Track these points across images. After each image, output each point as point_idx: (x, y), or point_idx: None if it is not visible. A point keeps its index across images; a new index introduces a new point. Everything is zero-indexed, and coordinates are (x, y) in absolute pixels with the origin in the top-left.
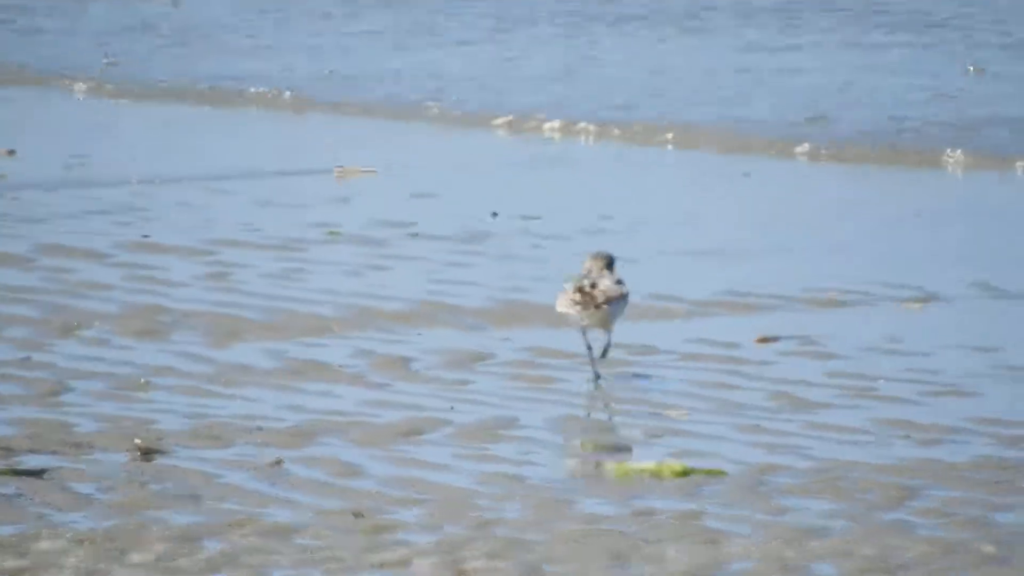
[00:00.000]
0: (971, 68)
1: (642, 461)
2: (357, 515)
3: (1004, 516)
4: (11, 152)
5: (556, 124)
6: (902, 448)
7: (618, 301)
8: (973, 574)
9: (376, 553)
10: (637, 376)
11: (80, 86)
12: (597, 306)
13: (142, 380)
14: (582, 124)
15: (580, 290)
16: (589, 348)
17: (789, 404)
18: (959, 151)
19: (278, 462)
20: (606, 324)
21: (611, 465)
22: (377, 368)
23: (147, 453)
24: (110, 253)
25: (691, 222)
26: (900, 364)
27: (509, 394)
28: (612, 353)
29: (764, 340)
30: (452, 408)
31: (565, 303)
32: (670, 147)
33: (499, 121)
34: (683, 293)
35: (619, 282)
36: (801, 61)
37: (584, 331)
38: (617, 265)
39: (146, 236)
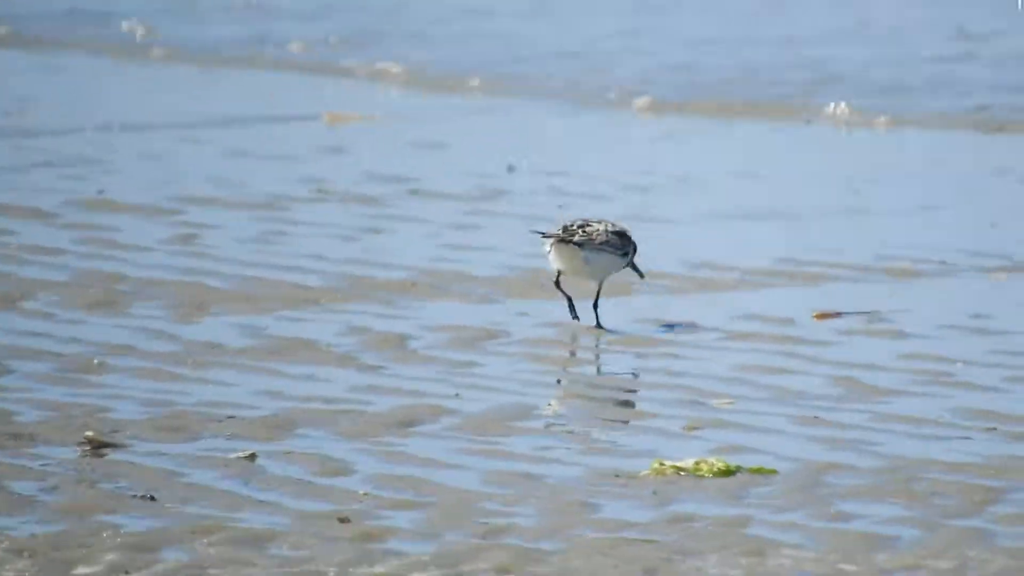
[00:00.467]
0: None
1: (680, 458)
2: (343, 520)
3: None
4: None
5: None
6: (985, 443)
7: (599, 249)
8: None
9: (365, 565)
10: (675, 357)
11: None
12: (564, 240)
13: (94, 361)
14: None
15: (565, 227)
16: (558, 285)
17: (853, 391)
18: None
19: (252, 457)
20: (581, 271)
21: (644, 463)
22: (370, 347)
23: (99, 447)
24: (58, 212)
25: (743, 180)
26: (983, 345)
27: (525, 378)
28: (616, 325)
29: (824, 316)
30: (457, 395)
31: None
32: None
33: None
34: (731, 260)
35: (624, 246)
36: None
37: (558, 276)
38: (639, 239)
39: (101, 192)
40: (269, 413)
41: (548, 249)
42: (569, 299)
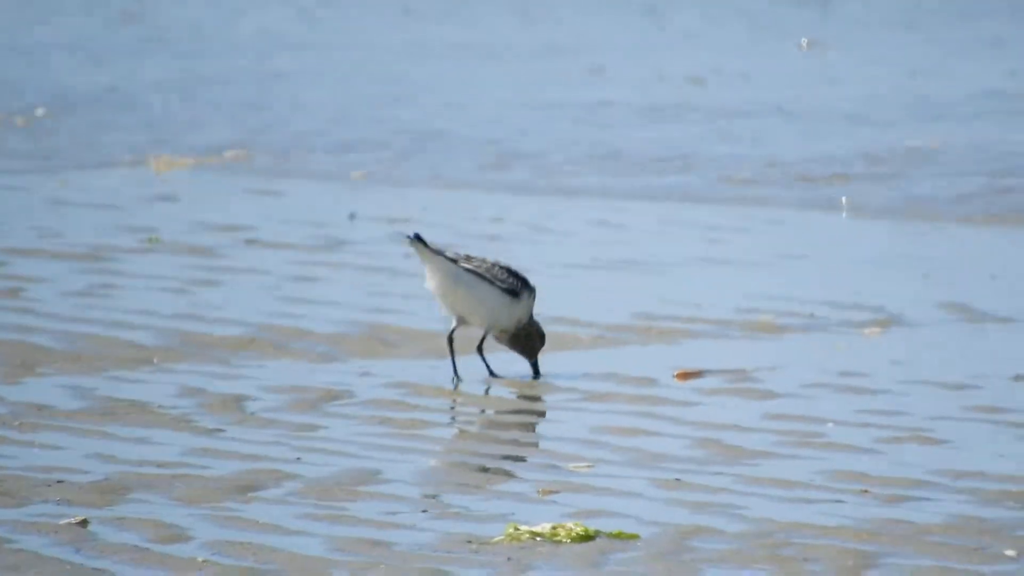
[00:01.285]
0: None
1: (535, 523)
2: None
3: None
4: None
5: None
6: (858, 506)
7: (476, 277)
8: None
9: None
10: (530, 417)
11: None
12: (433, 251)
13: None
14: None
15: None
16: (450, 341)
17: (718, 453)
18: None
19: (83, 523)
20: (458, 304)
21: (498, 528)
22: (207, 409)
23: None
24: None
25: (599, 229)
26: (854, 404)
27: (370, 441)
28: (466, 385)
29: (686, 375)
30: (299, 459)
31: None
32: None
33: None
34: (588, 316)
35: (512, 284)
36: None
37: (454, 322)
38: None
39: None
40: (101, 477)
41: (425, 267)
42: (453, 357)
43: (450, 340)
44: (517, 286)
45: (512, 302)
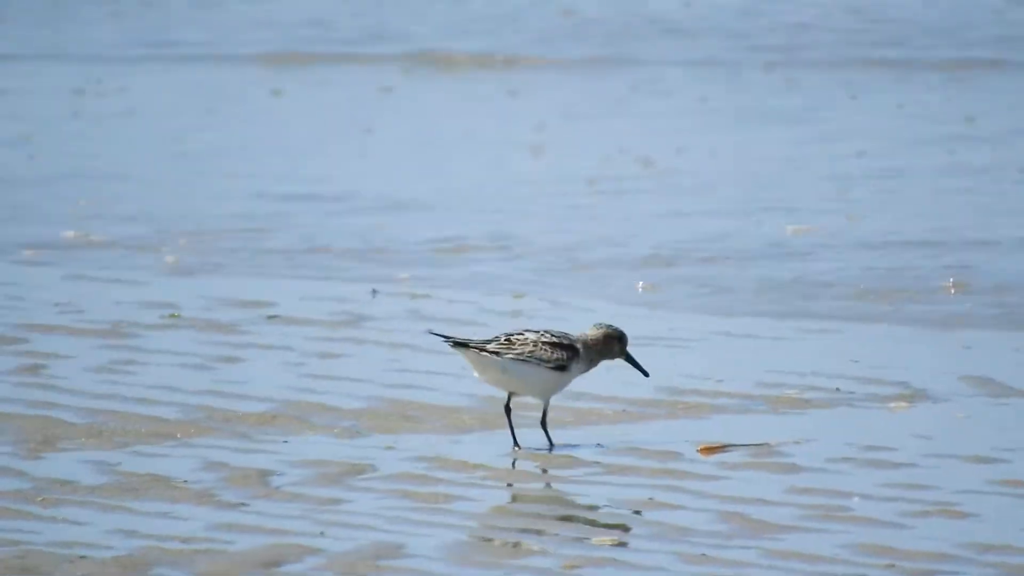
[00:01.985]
0: None
1: None
2: None
3: None
4: None
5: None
6: None
7: (523, 364)
8: None
9: None
10: (554, 490)
11: None
12: (477, 348)
13: None
14: None
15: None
16: (507, 410)
17: (742, 527)
18: None
19: None
20: (511, 387)
21: None
22: (230, 483)
23: None
24: None
25: (619, 306)
26: (880, 478)
27: (395, 515)
28: (488, 459)
29: (710, 449)
30: (323, 533)
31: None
32: None
33: None
34: (610, 391)
35: (559, 359)
36: None
37: (508, 394)
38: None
39: None
40: (124, 553)
41: (468, 362)
42: (509, 412)
43: (507, 410)
44: (564, 359)
45: (562, 376)
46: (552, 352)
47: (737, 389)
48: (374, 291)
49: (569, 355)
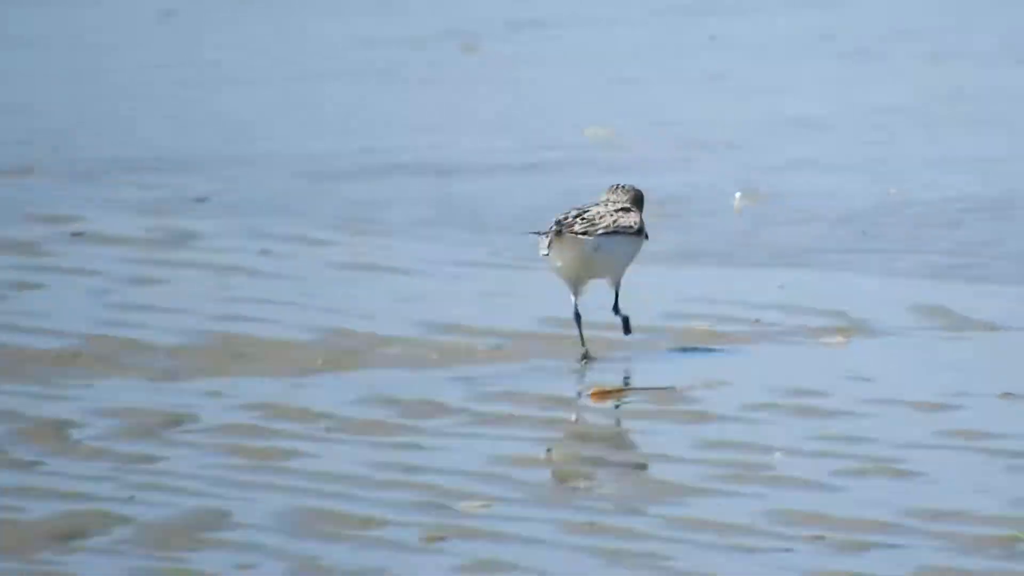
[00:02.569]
0: None
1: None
2: None
3: None
4: None
5: None
6: (811, 556)
7: (614, 236)
8: None
9: None
10: (413, 447)
11: None
12: (565, 232)
13: None
14: None
15: (559, 222)
16: (577, 317)
17: (640, 490)
18: None
19: None
20: (594, 269)
21: None
22: (22, 437)
23: None
24: None
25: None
26: (808, 429)
27: (219, 476)
28: (337, 406)
29: (603, 394)
30: (132, 497)
31: (543, 244)
32: None
33: None
34: (486, 320)
35: (643, 227)
36: None
37: (573, 289)
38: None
39: None
40: None
41: (546, 252)
42: (579, 319)
43: (577, 316)
44: (642, 222)
45: (642, 243)
46: (631, 218)
47: (636, 321)
48: (200, 198)
49: (641, 220)
